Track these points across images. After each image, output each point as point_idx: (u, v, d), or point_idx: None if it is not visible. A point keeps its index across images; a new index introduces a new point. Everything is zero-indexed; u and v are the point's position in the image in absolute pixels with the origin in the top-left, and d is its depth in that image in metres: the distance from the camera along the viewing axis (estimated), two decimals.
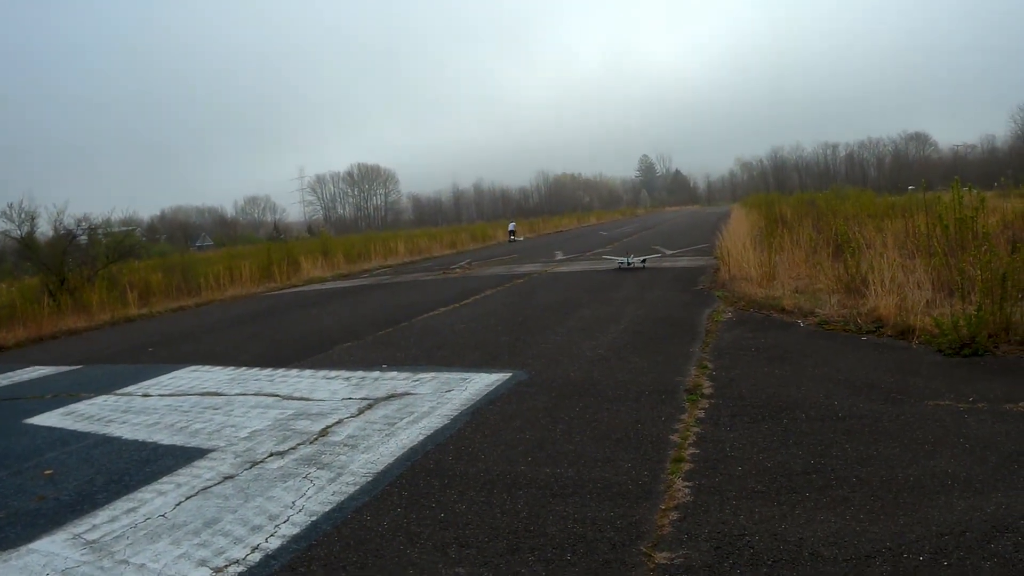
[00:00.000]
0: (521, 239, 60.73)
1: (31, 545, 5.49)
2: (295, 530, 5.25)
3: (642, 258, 23.85)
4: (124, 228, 43.25)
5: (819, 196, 42.00)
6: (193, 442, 7.76)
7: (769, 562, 4.19)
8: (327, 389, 9.52)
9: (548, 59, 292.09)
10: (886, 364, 8.43)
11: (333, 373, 10.51)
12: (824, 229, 19.69)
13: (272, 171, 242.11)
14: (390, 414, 8.01)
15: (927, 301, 10.20)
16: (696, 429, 6.68)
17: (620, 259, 24.21)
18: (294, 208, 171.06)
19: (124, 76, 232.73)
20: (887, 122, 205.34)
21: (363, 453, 6.77)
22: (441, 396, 8.60)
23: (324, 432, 7.56)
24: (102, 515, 5.97)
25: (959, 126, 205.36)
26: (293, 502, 5.77)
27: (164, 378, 11.57)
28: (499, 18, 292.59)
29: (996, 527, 4.28)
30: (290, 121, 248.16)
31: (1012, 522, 4.32)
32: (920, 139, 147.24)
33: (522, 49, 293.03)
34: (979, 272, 9.04)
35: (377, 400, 8.66)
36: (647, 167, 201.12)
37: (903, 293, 10.49)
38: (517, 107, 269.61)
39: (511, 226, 62.85)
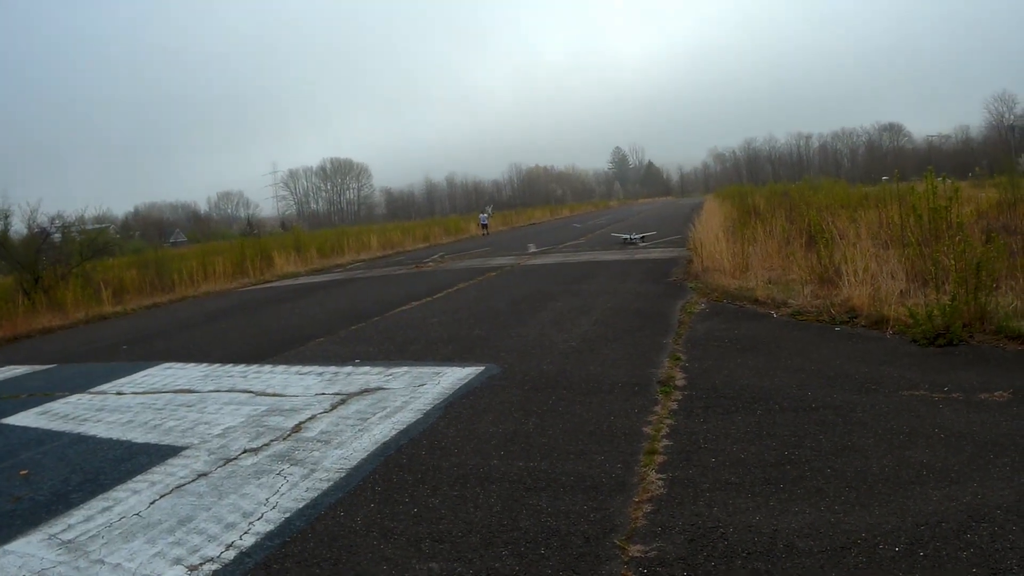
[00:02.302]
0: (491, 208, 60.89)
1: (7, 546, 5.44)
2: (269, 527, 5.22)
3: (641, 235, 27.98)
4: (98, 225, 43.15)
5: (792, 187, 42.26)
6: (167, 440, 7.70)
7: (743, 554, 4.17)
8: (300, 385, 9.46)
9: (518, 52, 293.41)
10: (860, 354, 8.44)
11: (306, 369, 10.46)
12: (797, 220, 19.77)
13: (245, 166, 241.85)
14: (363, 409, 7.97)
15: (901, 291, 10.22)
16: (669, 421, 6.67)
17: (624, 236, 29.44)
18: (267, 203, 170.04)
19: (97, 74, 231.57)
20: (861, 113, 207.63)
21: (336, 449, 6.73)
22: (414, 391, 8.56)
23: (297, 428, 7.52)
24: (77, 515, 5.93)
25: (933, 116, 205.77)
26: (267, 499, 5.73)
27: (138, 376, 11.50)
28: (468, 11, 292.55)
29: (972, 517, 4.28)
30: (263, 116, 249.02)
31: (988, 512, 4.31)
32: (894, 130, 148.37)
33: (493, 42, 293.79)
34: (953, 262, 9.07)
35: (350, 395, 8.62)
36: (620, 159, 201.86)
37: (877, 283, 10.50)
38: (489, 100, 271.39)
39: (483, 219, 62.34)
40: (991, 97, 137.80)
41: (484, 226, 59.87)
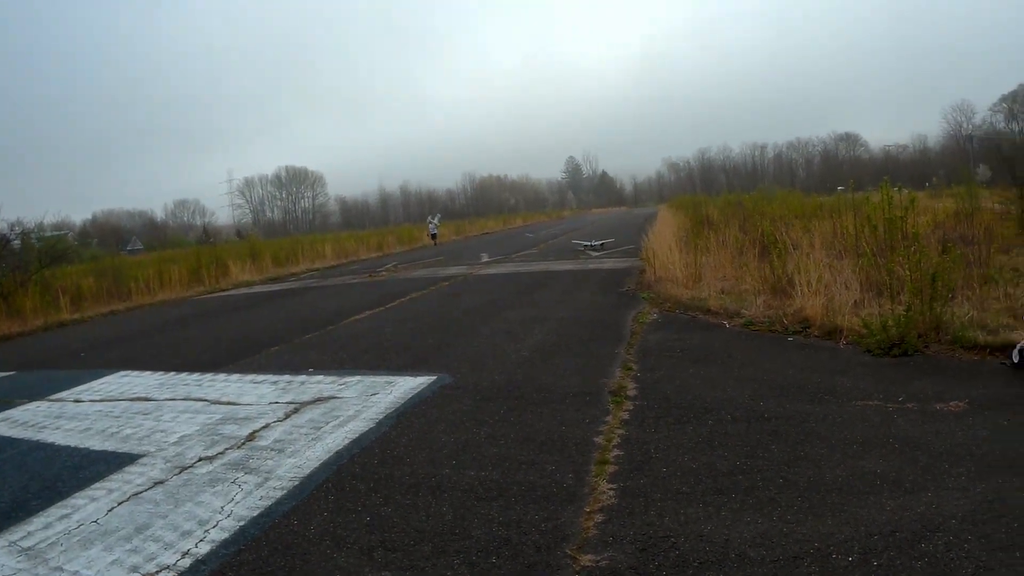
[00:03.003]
0: (439, 216, 60.68)
1: None
2: (224, 535, 5.22)
3: (601, 242, 29.75)
4: (56, 232, 42.89)
5: (746, 197, 42.58)
6: (124, 448, 7.67)
7: (695, 563, 4.16)
8: (254, 393, 9.42)
9: (472, 62, 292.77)
10: (813, 364, 8.49)
11: (260, 377, 10.41)
12: (751, 230, 19.87)
13: (201, 174, 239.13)
14: (316, 418, 7.93)
15: (855, 301, 10.28)
16: (621, 431, 6.66)
17: (585, 243, 31.45)
18: (223, 211, 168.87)
19: (53, 80, 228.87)
20: (817, 123, 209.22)
21: (290, 457, 6.71)
22: (366, 400, 8.53)
23: (251, 437, 7.49)
24: (36, 522, 5.90)
25: (891, 126, 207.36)
26: (222, 507, 5.73)
27: (96, 383, 11.43)
28: (423, 20, 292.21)
29: (926, 527, 4.29)
30: (218, 124, 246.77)
31: (942, 521, 4.33)
32: (850, 139, 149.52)
33: (445, 52, 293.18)
34: (909, 272, 9.12)
35: (303, 404, 8.57)
36: (573, 169, 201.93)
37: (830, 293, 10.56)
38: (443, 110, 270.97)
39: (431, 228, 59.71)
40: (949, 107, 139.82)
41: (433, 236, 56.34)
